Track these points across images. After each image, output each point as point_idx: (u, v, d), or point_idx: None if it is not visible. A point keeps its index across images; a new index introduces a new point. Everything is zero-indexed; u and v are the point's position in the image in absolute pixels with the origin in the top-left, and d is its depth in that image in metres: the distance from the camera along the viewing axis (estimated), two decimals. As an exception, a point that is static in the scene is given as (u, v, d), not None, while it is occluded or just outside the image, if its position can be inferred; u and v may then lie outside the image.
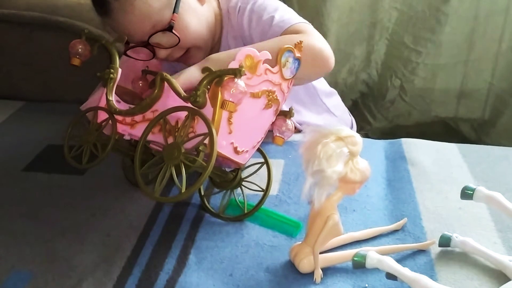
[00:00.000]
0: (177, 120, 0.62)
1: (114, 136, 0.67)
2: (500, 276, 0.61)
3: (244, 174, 0.75)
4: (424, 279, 0.56)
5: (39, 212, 0.75)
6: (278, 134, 0.71)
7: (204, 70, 0.59)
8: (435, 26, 1.33)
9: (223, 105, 0.57)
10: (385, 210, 0.75)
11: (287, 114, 0.71)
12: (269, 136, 0.73)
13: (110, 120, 0.67)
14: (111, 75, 0.68)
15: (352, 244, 0.67)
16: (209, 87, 0.59)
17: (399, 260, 0.61)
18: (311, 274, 0.61)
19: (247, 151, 0.67)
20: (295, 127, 0.73)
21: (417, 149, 0.92)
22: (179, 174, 0.57)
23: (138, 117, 0.67)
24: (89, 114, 0.70)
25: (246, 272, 0.63)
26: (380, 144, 0.95)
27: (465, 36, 1.34)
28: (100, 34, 0.73)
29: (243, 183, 0.75)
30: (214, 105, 0.59)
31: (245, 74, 0.58)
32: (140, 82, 0.77)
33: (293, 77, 0.67)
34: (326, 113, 1.09)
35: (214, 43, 0.92)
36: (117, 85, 0.70)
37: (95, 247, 0.67)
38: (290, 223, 0.72)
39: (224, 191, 0.75)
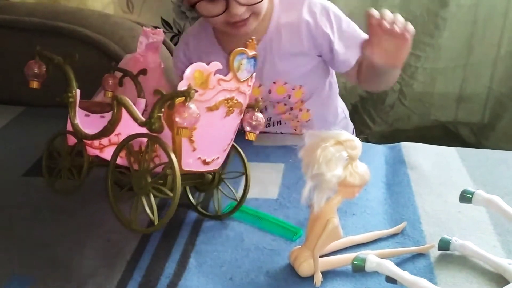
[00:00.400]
0: (140, 145, 0.62)
1: (87, 160, 0.68)
2: (499, 279, 0.61)
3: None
4: (423, 282, 0.56)
5: (39, 217, 0.75)
6: (249, 129, 0.69)
7: (156, 92, 0.58)
8: (434, 31, 1.34)
9: (177, 132, 0.57)
10: (385, 214, 0.75)
11: (255, 107, 0.69)
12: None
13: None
14: (70, 99, 0.68)
15: (351, 248, 0.67)
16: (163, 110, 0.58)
17: (398, 264, 0.61)
18: (311, 278, 0.61)
19: (217, 157, 0.67)
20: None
21: (417, 153, 0.93)
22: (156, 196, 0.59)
23: (104, 141, 0.66)
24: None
25: (246, 276, 0.63)
26: (380, 148, 0.96)
27: (464, 40, 1.35)
28: (51, 55, 0.71)
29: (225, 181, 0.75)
30: (171, 129, 0.59)
31: (197, 91, 0.57)
32: (110, 80, 0.78)
33: (252, 74, 0.65)
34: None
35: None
36: (81, 101, 0.70)
37: (95, 252, 0.67)
38: (290, 229, 0.72)
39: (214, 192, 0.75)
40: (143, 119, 0.60)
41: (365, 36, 0.88)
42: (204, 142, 0.63)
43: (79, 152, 0.69)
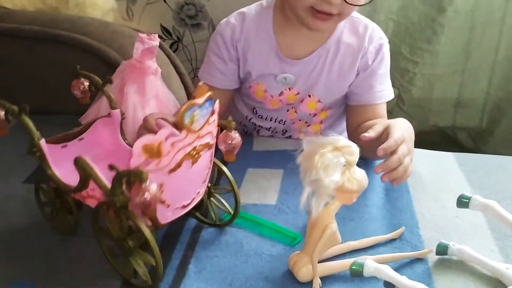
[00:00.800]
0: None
1: (73, 203, 0.69)
2: (497, 284, 0.62)
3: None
4: (421, 287, 0.56)
5: (39, 224, 0.76)
6: (226, 151, 0.68)
7: (110, 167, 0.54)
8: (432, 37, 1.35)
9: (143, 213, 0.54)
10: (383, 219, 0.76)
11: (227, 126, 0.67)
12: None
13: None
14: (37, 153, 0.65)
15: (350, 253, 0.68)
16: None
17: (396, 269, 0.61)
18: (310, 283, 0.62)
19: (198, 192, 0.66)
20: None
21: (415, 157, 0.93)
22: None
23: (83, 193, 0.64)
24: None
25: (245, 281, 0.64)
26: (378, 154, 0.96)
27: (462, 46, 1.36)
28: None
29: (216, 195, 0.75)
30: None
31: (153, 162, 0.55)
32: (81, 86, 0.78)
33: (212, 110, 0.61)
34: None
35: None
36: (50, 139, 0.71)
37: (95, 258, 0.67)
38: (289, 235, 0.72)
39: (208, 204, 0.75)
40: (108, 187, 0.56)
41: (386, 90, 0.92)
42: (177, 195, 0.62)
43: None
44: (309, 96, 0.95)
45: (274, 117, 1.00)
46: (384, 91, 0.93)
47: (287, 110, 0.98)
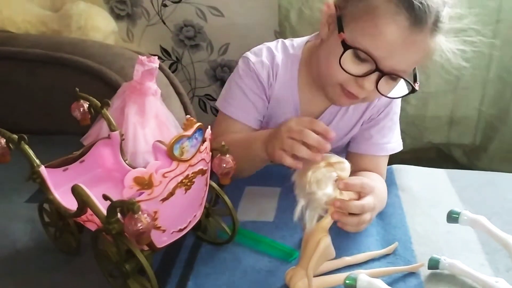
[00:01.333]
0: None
1: (77, 234, 0.70)
2: (487, 297, 0.64)
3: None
4: (413, 300, 0.58)
5: (44, 242, 0.77)
6: (220, 174, 0.68)
7: (104, 197, 0.56)
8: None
9: (138, 242, 0.56)
10: (377, 235, 0.78)
11: (221, 151, 0.67)
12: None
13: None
14: (37, 179, 0.67)
15: (345, 268, 0.69)
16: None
17: (390, 283, 0.63)
18: (305, 298, 0.63)
19: (194, 215, 0.68)
20: None
21: (408, 175, 0.95)
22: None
23: (83, 217, 0.65)
24: None
25: (243, 297, 0.65)
26: (373, 171, 0.98)
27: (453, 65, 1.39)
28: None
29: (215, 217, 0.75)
30: None
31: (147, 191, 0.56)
32: (81, 108, 0.80)
33: (203, 140, 0.61)
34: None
35: None
36: (51, 164, 0.73)
37: (95, 276, 0.68)
38: (286, 251, 0.74)
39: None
40: (104, 215, 0.58)
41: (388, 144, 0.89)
42: (172, 220, 0.63)
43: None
44: None
45: None
46: (386, 144, 0.91)
47: None
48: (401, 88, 0.82)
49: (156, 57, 0.89)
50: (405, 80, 0.77)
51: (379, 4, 0.71)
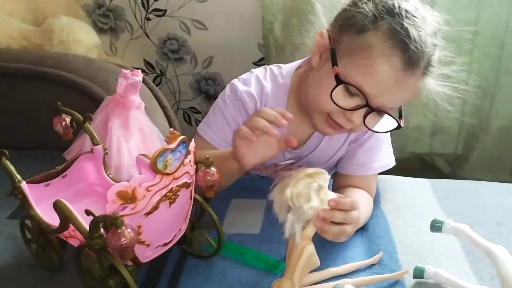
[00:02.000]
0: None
1: (56, 241, 0.69)
2: (471, 305, 0.64)
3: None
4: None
5: (24, 259, 0.76)
6: (205, 187, 0.67)
7: (87, 212, 0.56)
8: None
9: (121, 257, 0.55)
10: (362, 245, 0.78)
11: (205, 164, 0.66)
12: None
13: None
14: (19, 195, 0.67)
15: (331, 279, 0.69)
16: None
17: (376, 293, 0.64)
18: (292, 309, 0.63)
19: (179, 229, 0.67)
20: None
21: (392, 185, 0.96)
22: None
23: (66, 233, 0.64)
24: None
25: (229, 310, 0.65)
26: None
27: (434, 76, 1.41)
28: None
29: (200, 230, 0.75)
30: None
31: (130, 204, 0.56)
32: (63, 122, 0.79)
33: (187, 153, 0.61)
34: None
35: None
36: (33, 179, 0.72)
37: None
38: (272, 263, 0.74)
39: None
40: (87, 230, 0.57)
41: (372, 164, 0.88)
42: (156, 235, 0.62)
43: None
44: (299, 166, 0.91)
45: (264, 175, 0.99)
46: (374, 163, 0.90)
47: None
48: (386, 120, 0.81)
49: (140, 70, 0.89)
50: (392, 117, 0.77)
51: (375, 43, 0.71)
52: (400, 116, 0.79)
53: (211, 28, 1.48)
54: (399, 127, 0.78)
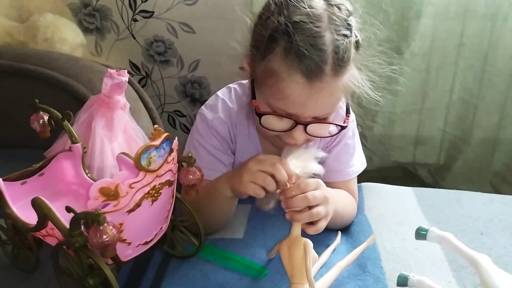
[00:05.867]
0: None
1: (33, 241, 0.68)
2: (454, 313, 0.64)
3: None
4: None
5: (1, 261, 0.74)
6: (187, 187, 0.67)
7: (67, 209, 0.55)
8: (391, 78, 1.41)
9: (102, 255, 0.54)
10: (347, 252, 0.77)
11: (188, 162, 0.66)
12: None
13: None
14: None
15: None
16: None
17: (359, 299, 0.63)
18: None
19: (160, 228, 0.67)
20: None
21: (376, 193, 0.97)
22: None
23: (43, 232, 0.63)
24: None
25: (212, 315, 0.64)
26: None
27: (418, 86, 1.43)
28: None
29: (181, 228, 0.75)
30: None
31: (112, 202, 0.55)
32: (41, 120, 0.77)
33: (170, 150, 0.60)
34: None
35: None
36: (8, 177, 0.70)
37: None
38: (255, 268, 0.73)
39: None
40: (67, 228, 0.57)
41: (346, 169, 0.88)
42: (138, 233, 0.62)
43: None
44: None
45: None
46: (348, 169, 0.89)
47: None
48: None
49: (126, 70, 0.88)
50: (330, 122, 0.76)
51: (276, 67, 0.70)
52: (348, 112, 0.79)
53: (199, 31, 1.47)
54: (342, 128, 0.77)
